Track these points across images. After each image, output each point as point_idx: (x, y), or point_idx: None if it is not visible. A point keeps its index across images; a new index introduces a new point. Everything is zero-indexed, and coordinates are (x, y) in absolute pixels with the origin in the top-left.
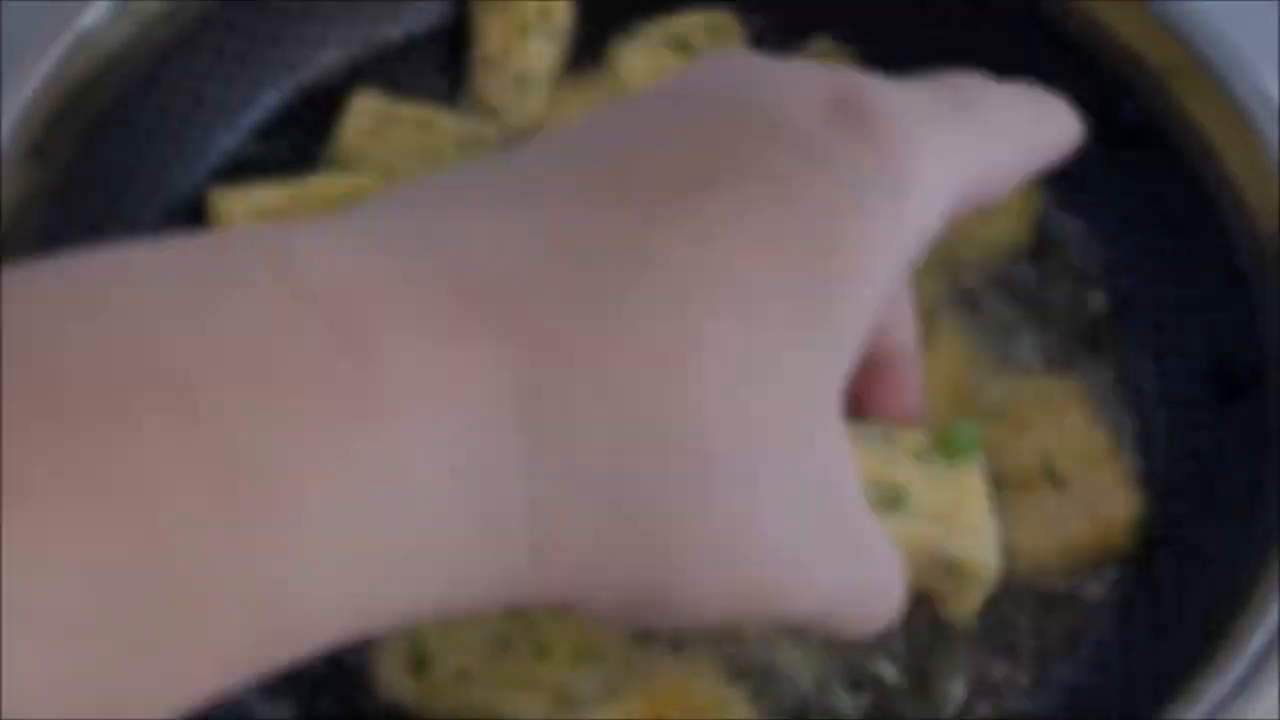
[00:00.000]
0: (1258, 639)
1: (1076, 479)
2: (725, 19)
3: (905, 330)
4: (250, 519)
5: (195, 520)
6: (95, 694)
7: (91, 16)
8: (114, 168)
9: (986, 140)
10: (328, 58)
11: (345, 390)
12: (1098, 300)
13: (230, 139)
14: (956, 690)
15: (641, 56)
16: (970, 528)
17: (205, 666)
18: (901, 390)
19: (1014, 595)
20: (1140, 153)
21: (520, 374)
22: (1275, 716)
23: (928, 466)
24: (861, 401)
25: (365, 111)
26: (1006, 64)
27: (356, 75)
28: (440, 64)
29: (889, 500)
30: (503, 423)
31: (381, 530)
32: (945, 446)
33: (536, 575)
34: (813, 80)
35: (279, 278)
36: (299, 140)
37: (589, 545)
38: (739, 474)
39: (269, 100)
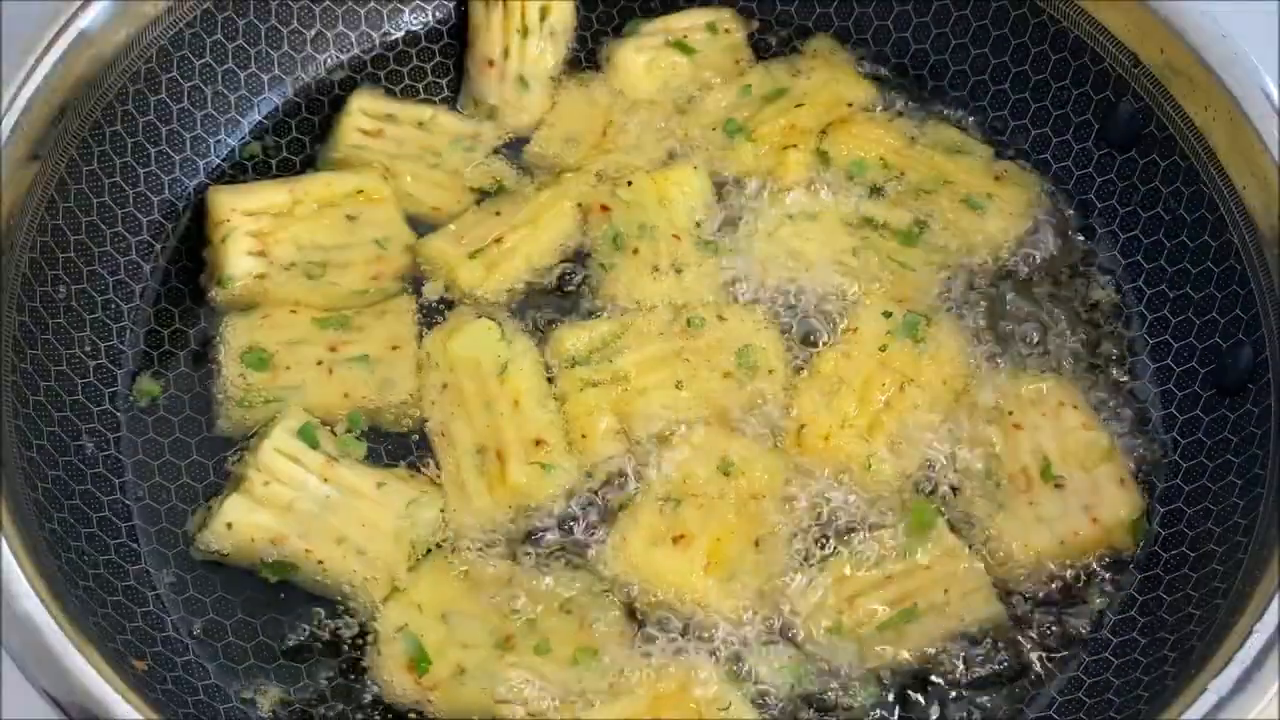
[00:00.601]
0: (1257, 639)
1: (1076, 479)
2: (725, 18)
3: None
4: None
5: None
6: None
7: (91, 17)
8: (114, 168)
9: None
10: (328, 58)
11: None
12: (1098, 300)
13: (230, 139)
14: (956, 689)
15: (641, 55)
16: (972, 592)
17: None
18: None
19: (1013, 595)
20: (1140, 153)
21: None
22: (1275, 717)
23: (916, 558)
24: None
25: (365, 111)
26: (1006, 64)
27: (356, 75)
28: (440, 64)
29: (906, 618)
30: None
31: None
32: (917, 530)
33: None
34: None
35: None
36: (299, 140)
37: None
38: None
39: (269, 100)
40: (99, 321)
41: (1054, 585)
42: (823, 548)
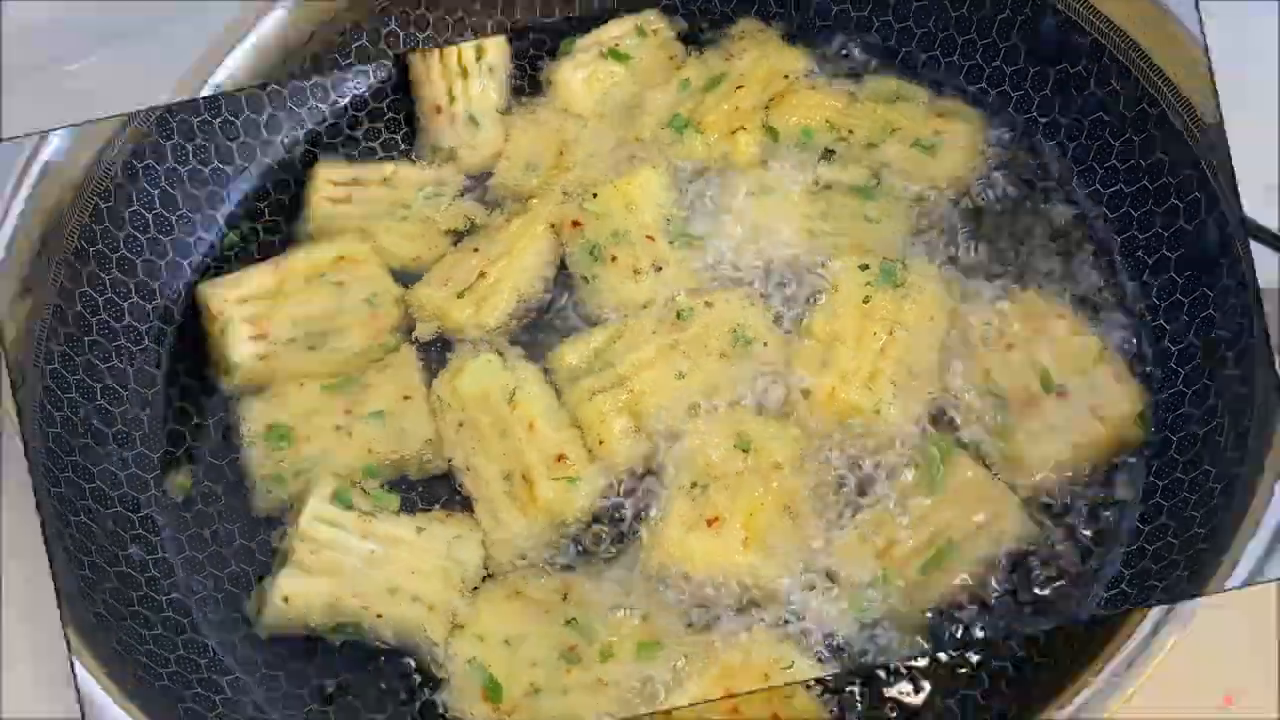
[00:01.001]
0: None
1: (1076, 385)
2: (651, 19)
3: None
4: None
5: None
6: None
7: (52, 148)
8: (104, 284)
9: None
10: (283, 137)
11: None
12: (1060, 211)
13: (209, 233)
14: (1001, 612)
15: (580, 71)
16: (1002, 514)
17: None
18: None
19: (1041, 508)
20: (1070, 62)
21: None
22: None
23: (941, 492)
24: None
25: (329, 179)
26: (926, 4)
27: (314, 148)
28: (391, 119)
29: (943, 553)
30: None
31: None
32: (937, 464)
33: None
34: None
35: None
36: (274, 221)
37: None
38: None
39: (237, 190)
40: (121, 434)
41: (1078, 489)
42: (850, 501)
